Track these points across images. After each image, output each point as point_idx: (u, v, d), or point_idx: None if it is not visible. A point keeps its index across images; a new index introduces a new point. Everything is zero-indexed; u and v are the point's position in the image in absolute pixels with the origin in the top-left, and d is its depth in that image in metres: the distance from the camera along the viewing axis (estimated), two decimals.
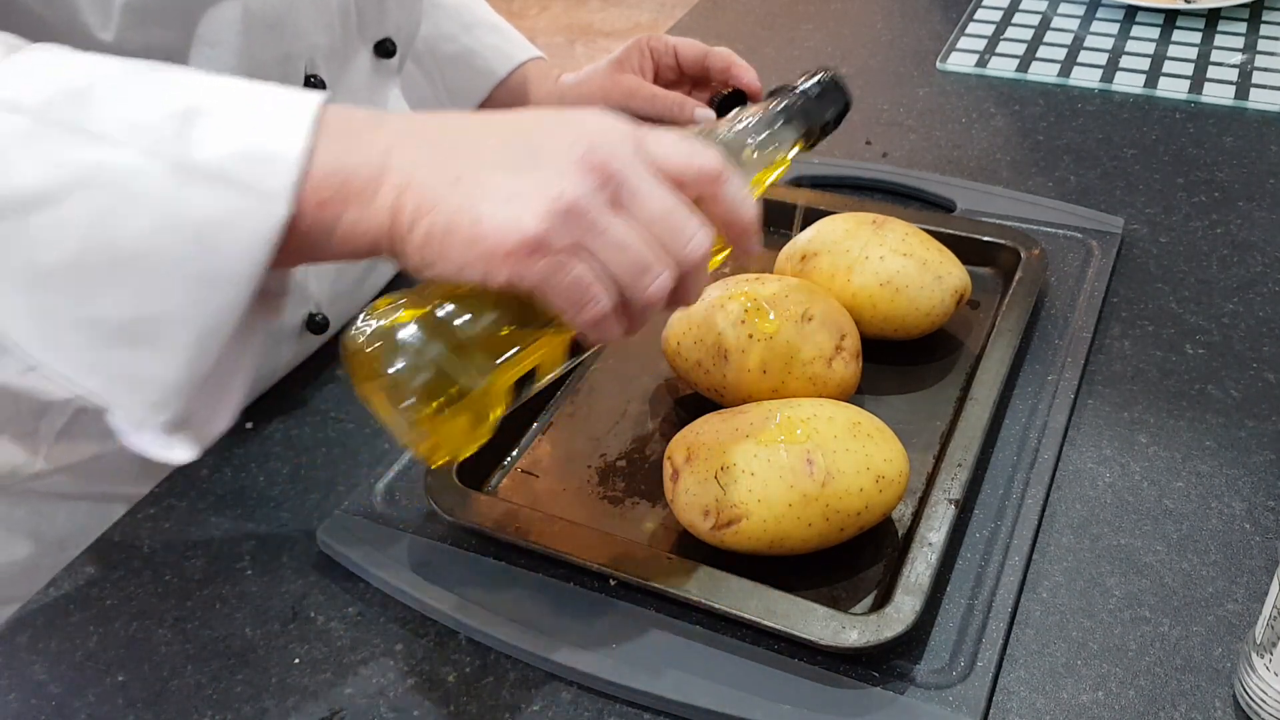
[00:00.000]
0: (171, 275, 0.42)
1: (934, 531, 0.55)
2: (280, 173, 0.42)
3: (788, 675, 0.52)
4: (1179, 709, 0.51)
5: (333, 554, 0.60)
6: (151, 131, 0.42)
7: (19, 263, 0.42)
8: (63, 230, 0.41)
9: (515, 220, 0.43)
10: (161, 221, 0.42)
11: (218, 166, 0.42)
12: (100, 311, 0.43)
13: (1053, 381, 0.67)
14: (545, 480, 0.64)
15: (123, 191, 0.41)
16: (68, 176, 0.41)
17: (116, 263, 0.42)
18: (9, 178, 0.41)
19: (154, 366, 0.44)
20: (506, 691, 0.54)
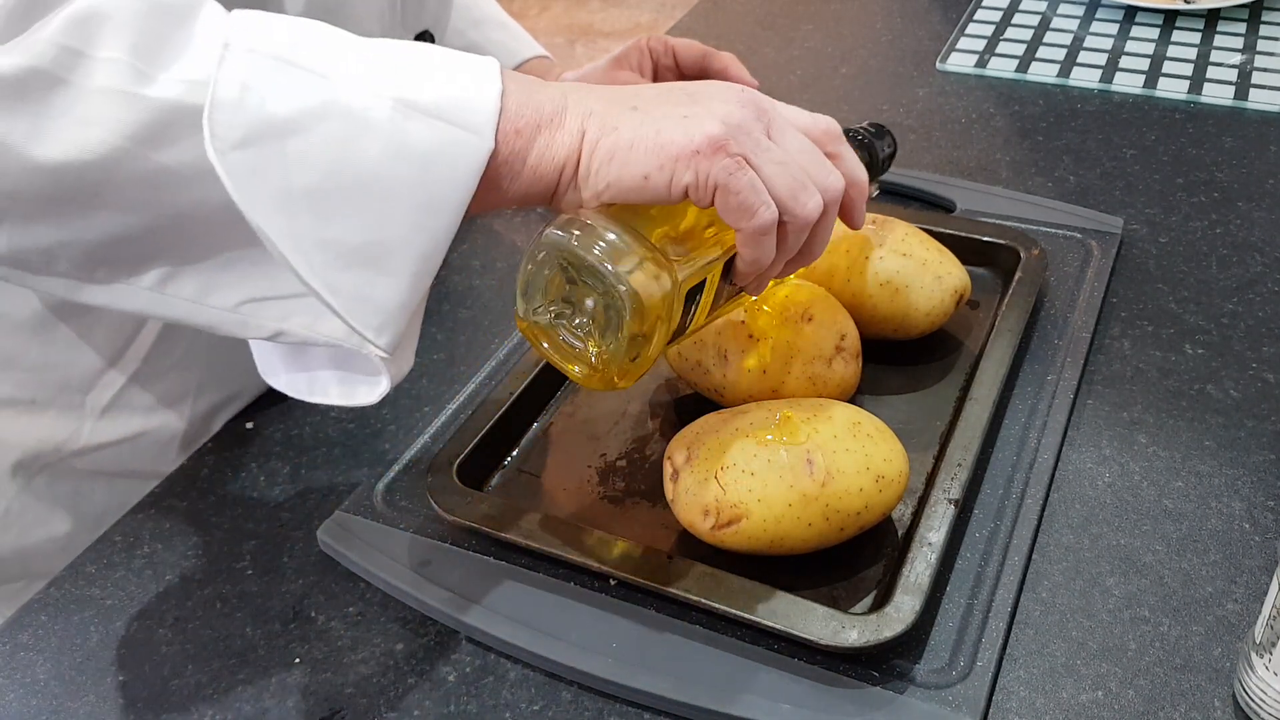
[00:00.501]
0: (398, 201, 0.47)
1: (934, 531, 0.55)
2: (483, 110, 0.47)
3: (787, 675, 0.52)
4: (1178, 709, 0.51)
5: (333, 554, 0.60)
6: (374, 77, 0.46)
7: (276, 184, 0.45)
8: (310, 155, 0.45)
9: (697, 127, 0.48)
10: (390, 150, 0.46)
11: (433, 105, 0.46)
12: (340, 233, 0.46)
13: (1052, 381, 0.67)
14: (545, 480, 0.64)
15: (357, 122, 0.45)
16: (312, 105, 0.45)
17: (354, 187, 0.46)
18: (265, 106, 0.44)
19: (380, 288, 0.48)
20: (506, 691, 0.54)
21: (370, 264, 0.47)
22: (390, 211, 0.47)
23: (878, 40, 1.13)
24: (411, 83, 0.47)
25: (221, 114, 0.44)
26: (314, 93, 0.45)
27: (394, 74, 0.47)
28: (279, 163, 0.45)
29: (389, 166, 0.46)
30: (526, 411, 0.67)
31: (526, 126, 0.49)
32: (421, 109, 0.46)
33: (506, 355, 0.72)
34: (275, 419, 0.70)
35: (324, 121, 0.45)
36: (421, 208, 0.47)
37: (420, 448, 0.66)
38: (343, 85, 0.46)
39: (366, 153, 0.46)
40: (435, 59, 0.49)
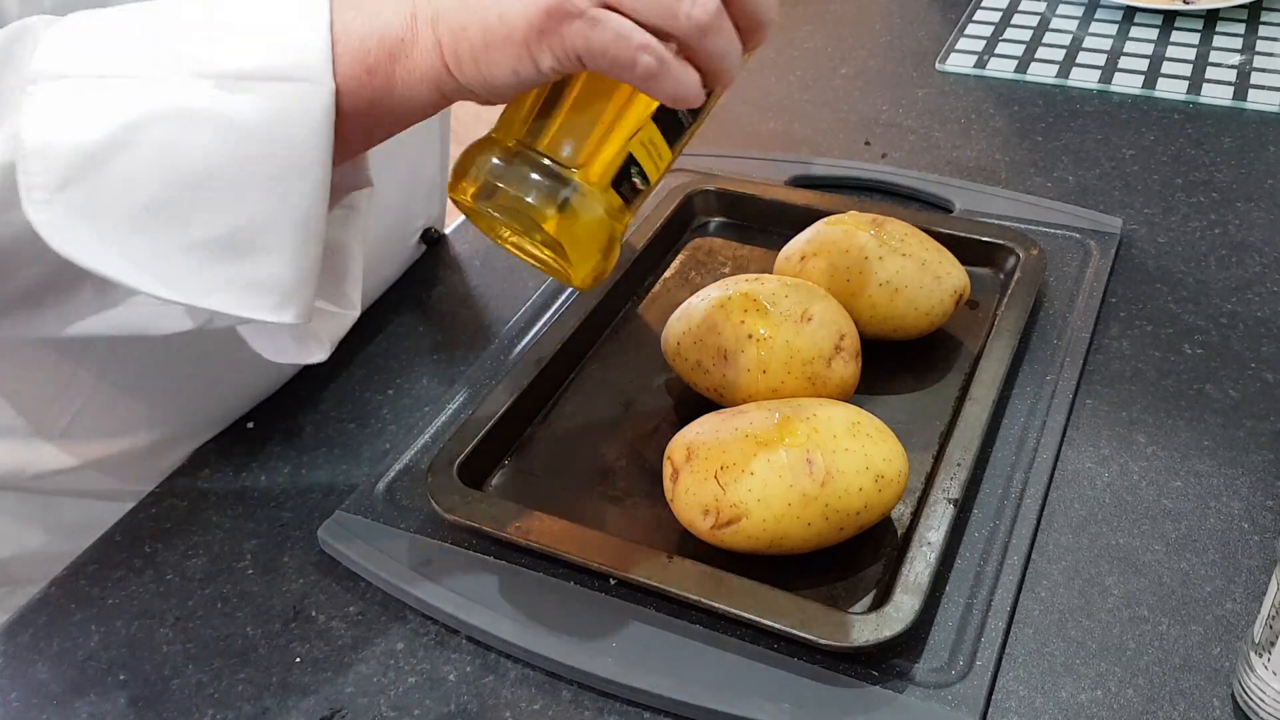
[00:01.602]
0: (248, 182, 0.44)
1: (933, 531, 0.55)
2: (313, 54, 0.44)
3: (787, 674, 0.52)
4: (1177, 708, 0.51)
5: (333, 553, 0.60)
6: (185, 54, 0.43)
7: (116, 211, 0.43)
8: (139, 170, 0.43)
9: (532, 1, 0.43)
10: (223, 134, 0.43)
11: (256, 67, 0.43)
12: (199, 233, 0.44)
13: (1051, 381, 0.67)
14: (545, 480, 0.64)
15: (181, 118, 0.43)
16: (128, 119, 0.42)
17: (197, 184, 0.43)
18: (74, 135, 0.42)
19: (264, 269, 0.45)
20: (506, 691, 0.54)
21: (243, 251, 0.45)
22: (243, 194, 0.44)
23: (877, 41, 1.13)
24: (230, 50, 0.43)
25: (32, 163, 0.42)
26: (128, 103, 0.43)
27: (210, 46, 0.44)
28: (104, 193, 0.43)
29: (228, 150, 0.43)
30: (526, 411, 0.67)
31: (377, 56, 0.45)
32: (246, 76, 0.43)
33: (507, 355, 0.72)
34: (275, 419, 0.70)
35: (144, 129, 0.43)
36: (275, 178, 0.44)
37: (420, 448, 0.66)
38: (157, 83, 0.43)
39: (198, 145, 0.43)
40: (252, 5, 0.45)
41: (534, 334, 0.73)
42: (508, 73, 0.45)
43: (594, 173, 0.49)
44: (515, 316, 0.76)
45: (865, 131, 0.96)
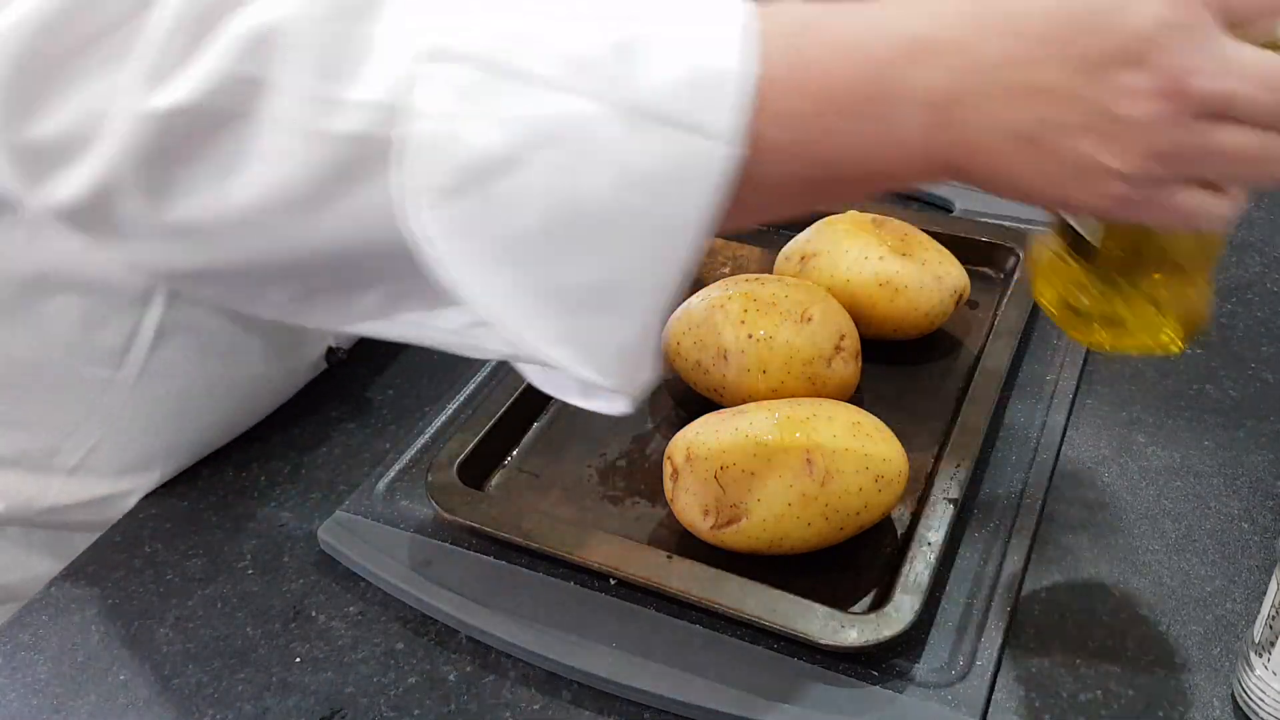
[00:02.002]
0: (627, 233, 0.38)
1: (933, 531, 0.55)
2: (726, 104, 0.36)
3: (788, 674, 0.52)
4: (1177, 708, 0.51)
5: (333, 553, 0.60)
6: (596, 70, 0.37)
7: (487, 235, 0.38)
8: (527, 195, 0.37)
9: (1096, 197, 0.39)
10: (619, 176, 0.37)
11: (662, 106, 0.36)
12: (567, 278, 0.39)
13: (1051, 381, 0.67)
14: (546, 480, 0.64)
15: (579, 146, 0.37)
16: (527, 133, 0.37)
17: (580, 225, 0.38)
18: (474, 137, 0.37)
19: (612, 330, 0.40)
20: (506, 691, 0.54)
21: (597, 307, 0.40)
22: (619, 244, 0.38)
23: None
24: (641, 76, 0.36)
25: (426, 160, 0.37)
26: (529, 112, 0.36)
27: (620, 63, 0.37)
28: (488, 212, 0.37)
29: (616, 193, 0.37)
30: (527, 411, 0.67)
31: (811, 114, 0.38)
32: (653, 113, 0.36)
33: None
34: (275, 419, 0.70)
35: (543, 150, 0.37)
36: (656, 234, 0.38)
37: (420, 448, 0.66)
38: (565, 94, 0.37)
39: (593, 181, 0.37)
40: (670, 30, 0.37)
41: None
42: (1033, 199, 0.40)
43: (1201, 278, 0.50)
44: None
45: None
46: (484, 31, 0.37)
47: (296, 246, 0.39)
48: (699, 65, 0.36)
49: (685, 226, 0.38)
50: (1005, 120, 0.38)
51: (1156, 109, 0.37)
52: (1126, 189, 0.38)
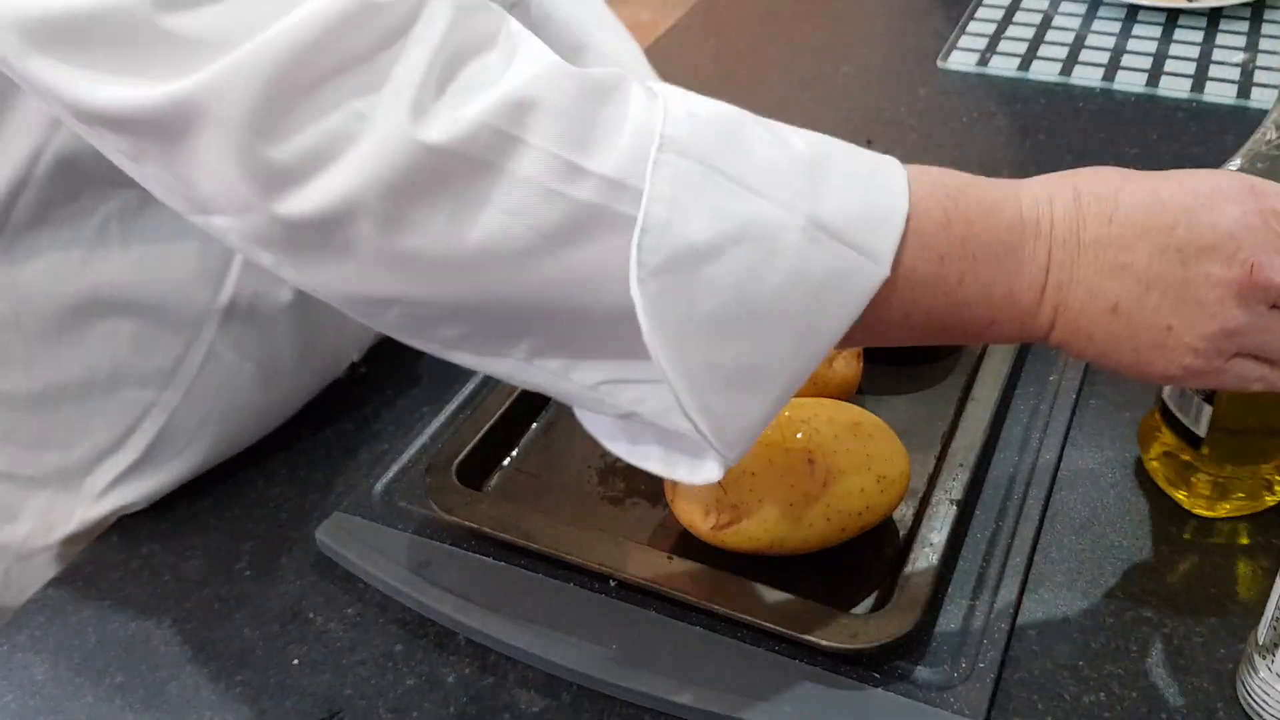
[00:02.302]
0: (788, 328, 0.44)
1: (935, 532, 0.55)
2: (888, 232, 0.44)
3: (789, 676, 0.52)
4: (1181, 710, 0.51)
5: (332, 554, 0.60)
6: (789, 183, 0.43)
7: (682, 311, 0.43)
8: (718, 283, 0.42)
9: (1170, 365, 0.46)
10: (793, 278, 0.43)
11: (841, 226, 0.43)
12: (724, 358, 0.44)
13: (1054, 381, 0.67)
14: (545, 480, 0.64)
15: (768, 247, 0.43)
16: (731, 229, 0.42)
17: (751, 315, 0.43)
18: (686, 227, 0.42)
19: (749, 407, 0.45)
20: (506, 692, 0.54)
21: (745, 386, 0.45)
22: (778, 336, 0.44)
23: (879, 39, 1.13)
24: (824, 196, 0.43)
25: (649, 238, 0.42)
26: (736, 211, 0.42)
27: (809, 183, 0.43)
28: (689, 290, 0.42)
29: (788, 293, 0.43)
30: (526, 411, 0.67)
31: (954, 257, 0.45)
32: (830, 231, 0.43)
33: None
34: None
35: (739, 245, 0.42)
36: (806, 333, 0.44)
37: (420, 448, 0.66)
38: (763, 201, 0.43)
39: (772, 279, 0.43)
40: (847, 163, 0.45)
41: None
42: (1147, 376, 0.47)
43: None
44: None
45: (867, 129, 0.96)
46: (708, 131, 0.43)
47: (500, 292, 0.43)
48: (872, 197, 0.44)
49: (831, 328, 0.44)
50: (1101, 291, 0.45)
51: (1231, 295, 0.44)
52: (1199, 362, 0.45)
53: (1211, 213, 0.45)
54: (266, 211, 0.41)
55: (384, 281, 0.43)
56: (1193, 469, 0.59)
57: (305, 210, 0.40)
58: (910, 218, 0.44)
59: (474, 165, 0.40)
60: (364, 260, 0.42)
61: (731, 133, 0.44)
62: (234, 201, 0.41)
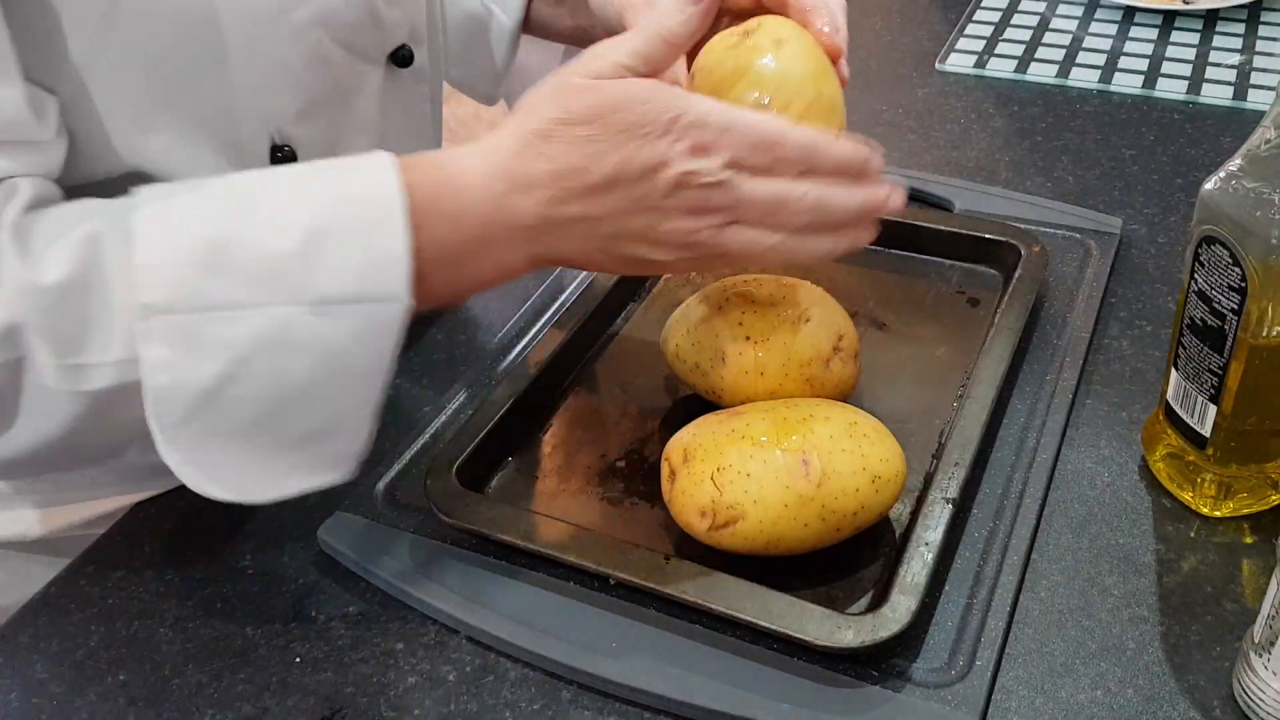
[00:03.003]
0: (337, 389, 0.49)
1: (931, 531, 0.55)
2: (396, 274, 0.48)
3: (786, 674, 0.52)
4: (1177, 708, 0.51)
5: (333, 553, 0.60)
6: (283, 282, 0.47)
7: (220, 435, 0.48)
8: (246, 397, 0.48)
9: (669, 268, 0.54)
10: (319, 356, 0.48)
11: (347, 291, 0.48)
12: (290, 436, 0.50)
13: (1051, 381, 0.67)
14: (545, 480, 0.64)
15: (282, 347, 0.47)
16: (240, 353, 0.47)
17: (294, 400, 0.49)
18: (195, 375, 0.47)
19: (339, 447, 0.51)
20: (506, 691, 0.54)
21: (321, 439, 0.51)
22: (332, 399, 0.50)
23: (877, 40, 1.13)
24: (322, 275, 0.47)
25: (160, 405, 0.47)
26: (238, 335, 0.47)
27: (304, 269, 0.47)
28: (219, 420, 0.48)
29: (321, 368, 0.48)
30: (526, 412, 0.67)
31: (452, 256, 0.51)
32: (339, 300, 0.48)
33: (506, 356, 0.72)
34: None
35: (254, 360, 0.47)
36: (360, 381, 0.50)
37: (420, 448, 0.66)
38: (262, 311, 0.47)
39: (298, 368, 0.48)
40: (344, 228, 0.48)
41: (534, 334, 0.73)
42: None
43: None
44: (515, 317, 0.76)
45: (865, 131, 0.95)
46: (188, 274, 0.46)
47: (82, 455, 0.52)
48: (374, 251, 0.48)
49: (380, 364, 0.50)
50: (580, 241, 0.52)
51: (690, 170, 0.49)
52: (685, 256, 0.52)
53: (613, 151, 0.49)
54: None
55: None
56: (1198, 469, 0.59)
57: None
58: (414, 248, 0.48)
59: (3, 393, 0.47)
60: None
61: (213, 260, 0.47)
62: None
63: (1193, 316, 0.56)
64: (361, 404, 0.50)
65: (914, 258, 0.79)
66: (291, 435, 0.50)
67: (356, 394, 0.50)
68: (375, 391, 0.51)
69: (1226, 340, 0.55)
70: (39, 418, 0.48)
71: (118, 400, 0.48)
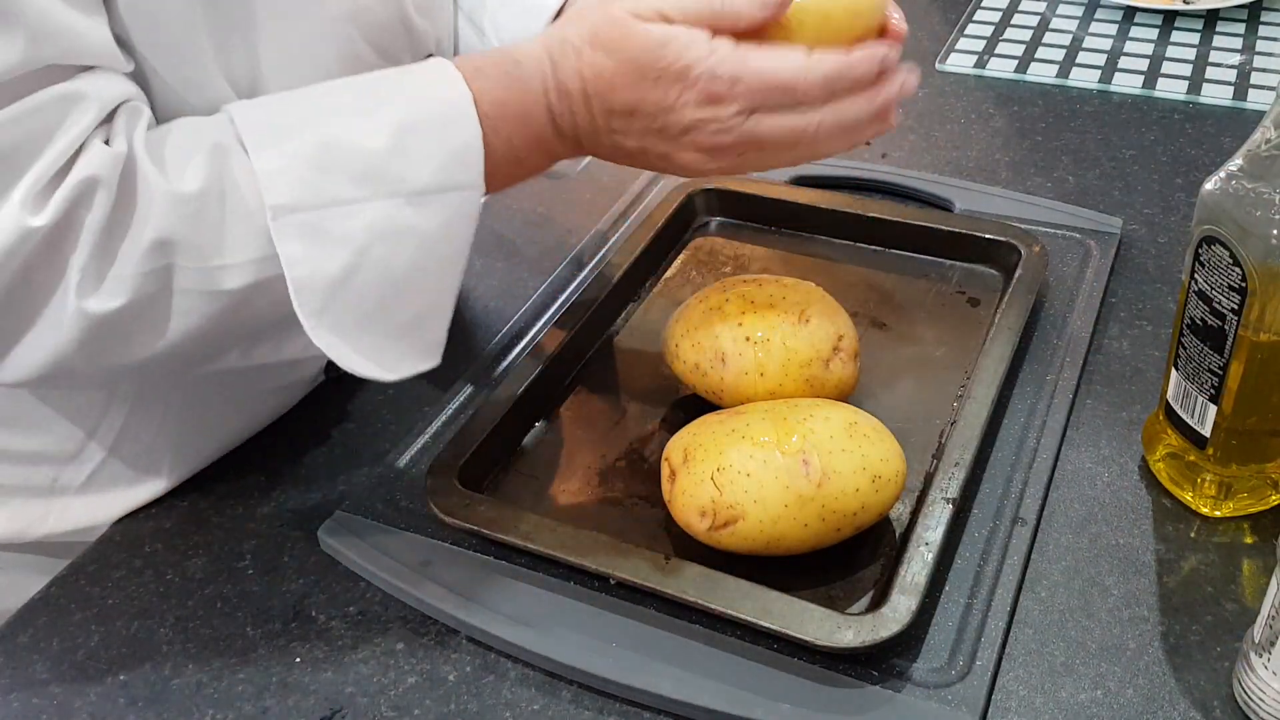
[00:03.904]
0: (431, 276, 0.55)
1: (931, 531, 0.55)
2: (472, 162, 0.53)
3: (786, 674, 0.52)
4: (1177, 708, 0.51)
5: (334, 553, 0.61)
6: (382, 178, 0.52)
7: (352, 318, 0.53)
8: (364, 288, 0.52)
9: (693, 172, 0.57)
10: (419, 242, 0.53)
11: (435, 182, 0.53)
12: (399, 320, 0.55)
13: (1051, 381, 0.67)
14: (545, 481, 0.64)
15: (391, 237, 0.52)
16: (358, 243, 0.52)
17: (402, 287, 0.54)
18: (327, 266, 0.51)
19: (431, 333, 0.56)
20: (506, 691, 0.54)
21: (420, 325, 0.56)
22: (429, 285, 0.55)
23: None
24: (412, 170, 0.52)
25: (303, 295, 0.52)
26: (354, 228, 0.51)
27: (399, 163, 0.52)
28: (350, 306, 0.53)
29: (420, 256, 0.53)
30: (526, 413, 0.67)
31: (515, 146, 0.56)
32: (429, 192, 0.53)
33: (507, 356, 0.72)
34: (275, 420, 0.70)
35: (370, 250, 0.52)
36: (447, 268, 0.55)
37: (420, 448, 0.66)
38: (369, 205, 0.52)
39: (404, 256, 0.53)
40: (421, 127, 0.53)
41: (534, 334, 0.73)
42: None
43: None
44: (515, 317, 0.76)
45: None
46: (304, 175, 0.51)
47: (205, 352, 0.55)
48: (449, 145, 0.53)
49: (462, 250, 0.55)
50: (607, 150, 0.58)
51: (701, 118, 0.54)
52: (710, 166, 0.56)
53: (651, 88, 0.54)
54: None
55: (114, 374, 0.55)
56: (1198, 469, 0.59)
57: (20, 377, 0.52)
58: (484, 137, 0.53)
59: (149, 301, 0.50)
60: (90, 380, 0.59)
61: (322, 162, 0.51)
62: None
63: (1193, 316, 0.56)
64: (447, 290, 0.56)
65: (914, 258, 0.79)
66: (399, 321, 0.54)
67: (444, 280, 0.55)
68: (457, 278, 0.56)
69: (1226, 340, 0.55)
70: (181, 317, 0.51)
71: (251, 297, 0.52)
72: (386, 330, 0.54)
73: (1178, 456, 0.60)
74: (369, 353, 0.54)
